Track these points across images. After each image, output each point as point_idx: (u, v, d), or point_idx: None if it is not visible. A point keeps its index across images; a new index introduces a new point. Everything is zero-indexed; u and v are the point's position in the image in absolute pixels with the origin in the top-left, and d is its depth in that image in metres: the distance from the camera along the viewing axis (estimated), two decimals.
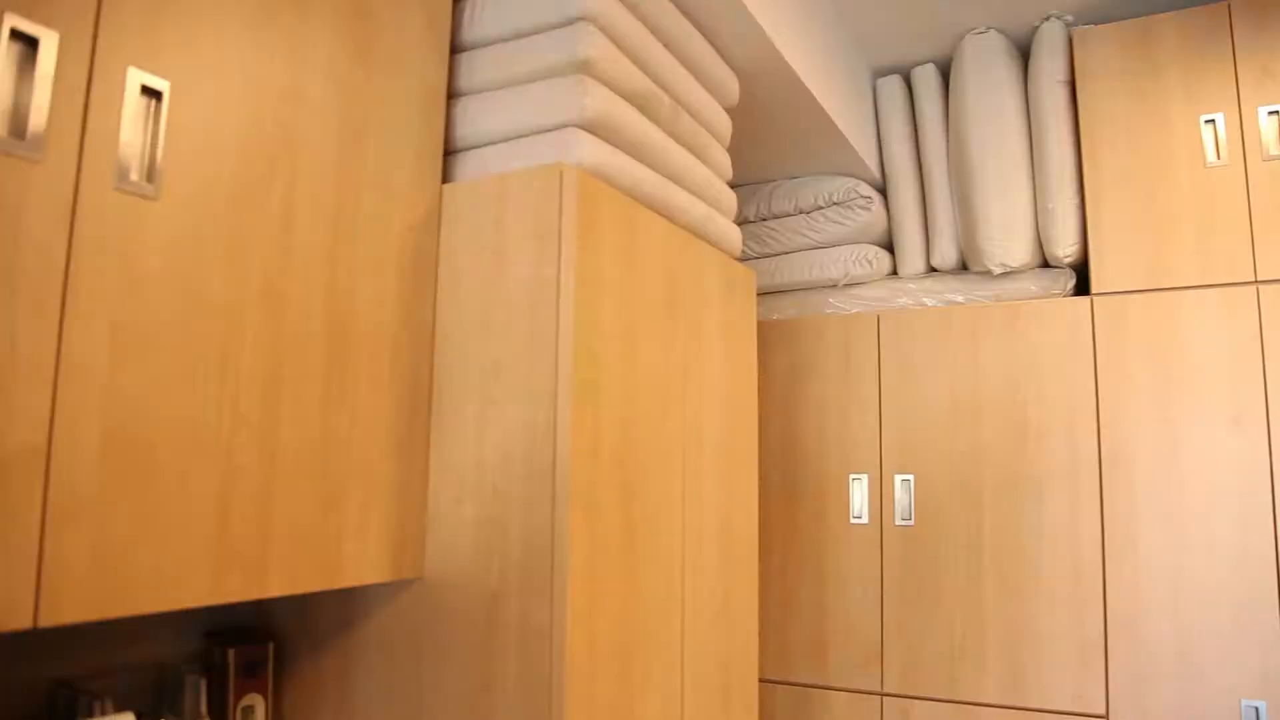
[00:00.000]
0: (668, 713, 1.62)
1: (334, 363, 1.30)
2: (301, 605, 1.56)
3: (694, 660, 1.73)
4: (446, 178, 1.58)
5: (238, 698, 1.47)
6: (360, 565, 1.33)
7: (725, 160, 2.01)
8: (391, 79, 1.44)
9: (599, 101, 1.49)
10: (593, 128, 1.49)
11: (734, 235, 2.01)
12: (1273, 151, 2.22)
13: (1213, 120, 2.29)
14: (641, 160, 1.65)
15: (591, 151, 1.47)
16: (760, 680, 2.53)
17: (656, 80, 1.72)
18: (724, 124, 2.01)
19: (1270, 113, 2.24)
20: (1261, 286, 2.20)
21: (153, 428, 1.05)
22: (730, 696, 1.89)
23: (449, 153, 1.59)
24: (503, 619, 1.36)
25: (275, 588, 1.19)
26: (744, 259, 2.85)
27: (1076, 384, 2.34)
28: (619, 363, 1.50)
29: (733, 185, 2.82)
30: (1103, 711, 2.23)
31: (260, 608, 1.61)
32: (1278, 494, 2.14)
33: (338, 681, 1.50)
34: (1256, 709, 2.09)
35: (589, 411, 1.40)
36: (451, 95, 1.60)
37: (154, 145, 1.07)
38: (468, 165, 1.56)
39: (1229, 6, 2.31)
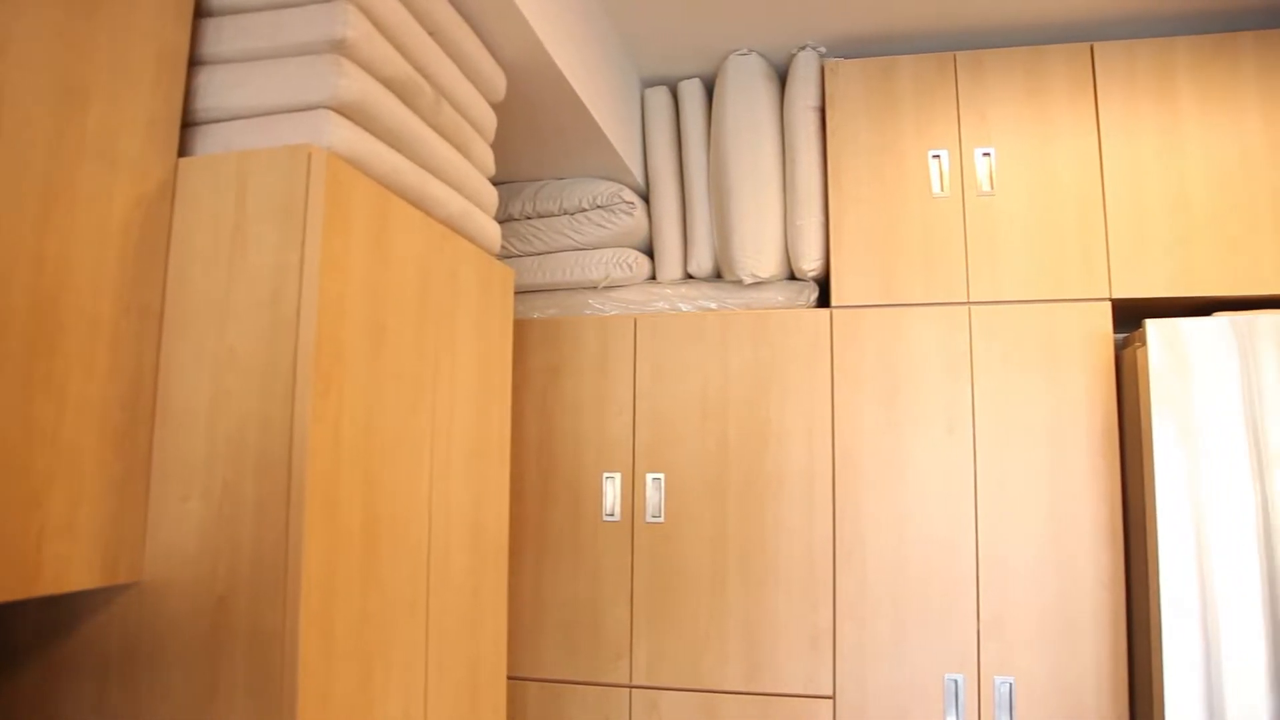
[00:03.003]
0: (410, 713, 1.58)
1: (39, 345, 1.17)
2: None
3: (440, 659, 1.70)
4: (185, 151, 1.46)
5: None
6: (65, 569, 1.21)
7: (488, 155, 2.00)
8: (121, 37, 1.32)
9: (355, 84, 1.44)
10: (347, 111, 1.44)
11: (493, 232, 2.00)
12: (985, 188, 2.48)
13: (938, 156, 2.53)
14: (399, 149, 1.61)
15: (344, 136, 1.42)
16: (510, 678, 2.53)
17: (419, 68, 1.68)
18: (489, 119, 1.99)
19: (984, 154, 2.50)
20: (972, 307, 2.45)
21: None
22: (478, 695, 1.88)
23: (189, 125, 1.47)
24: (231, 623, 1.28)
25: None
26: (506, 256, 2.84)
27: (816, 390, 2.51)
28: (365, 355, 1.46)
29: (496, 182, 2.81)
30: (830, 693, 2.41)
31: None
32: (979, 495, 2.39)
33: (38, 702, 1.36)
34: (956, 681, 2.34)
35: (331, 405, 1.35)
36: (195, 63, 1.48)
37: None
38: (210, 140, 1.46)
39: (955, 57, 2.56)
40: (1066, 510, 2.35)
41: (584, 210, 2.77)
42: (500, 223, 2.79)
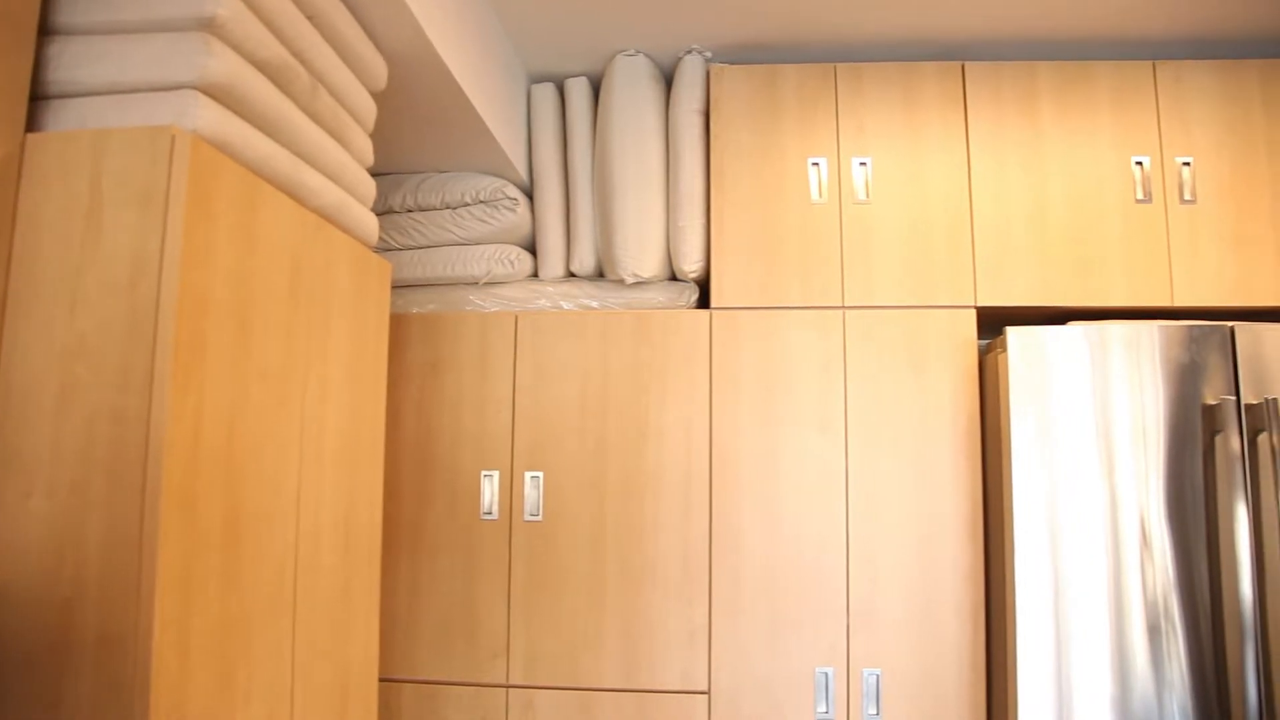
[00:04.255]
0: (275, 719, 1.53)
1: None
2: None
3: (307, 662, 1.65)
4: (34, 127, 1.37)
5: None
6: None
7: (366, 146, 1.95)
8: None
9: (224, 65, 1.38)
10: (214, 93, 1.38)
11: (370, 224, 1.95)
12: (861, 196, 2.56)
13: (818, 163, 2.59)
14: (271, 135, 1.55)
15: (212, 119, 1.36)
16: (383, 679, 2.47)
17: (295, 52, 1.62)
18: (368, 108, 1.94)
19: (860, 163, 2.58)
20: (847, 311, 2.53)
21: None
22: (348, 698, 1.83)
23: (39, 98, 1.38)
24: (77, 628, 1.21)
25: None
26: (385, 250, 2.77)
27: (694, 390, 2.54)
28: (230, 348, 1.40)
29: (376, 173, 2.73)
30: (705, 688, 2.44)
31: None
32: (850, 493, 2.47)
33: None
34: (826, 674, 2.40)
35: (191, 399, 1.29)
36: (47, 32, 1.39)
37: None
38: (63, 115, 1.38)
39: (835, 68, 2.63)
40: (932, 507, 2.45)
41: (466, 205, 2.73)
42: (380, 215, 2.72)
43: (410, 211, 2.77)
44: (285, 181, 1.59)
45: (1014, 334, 2.26)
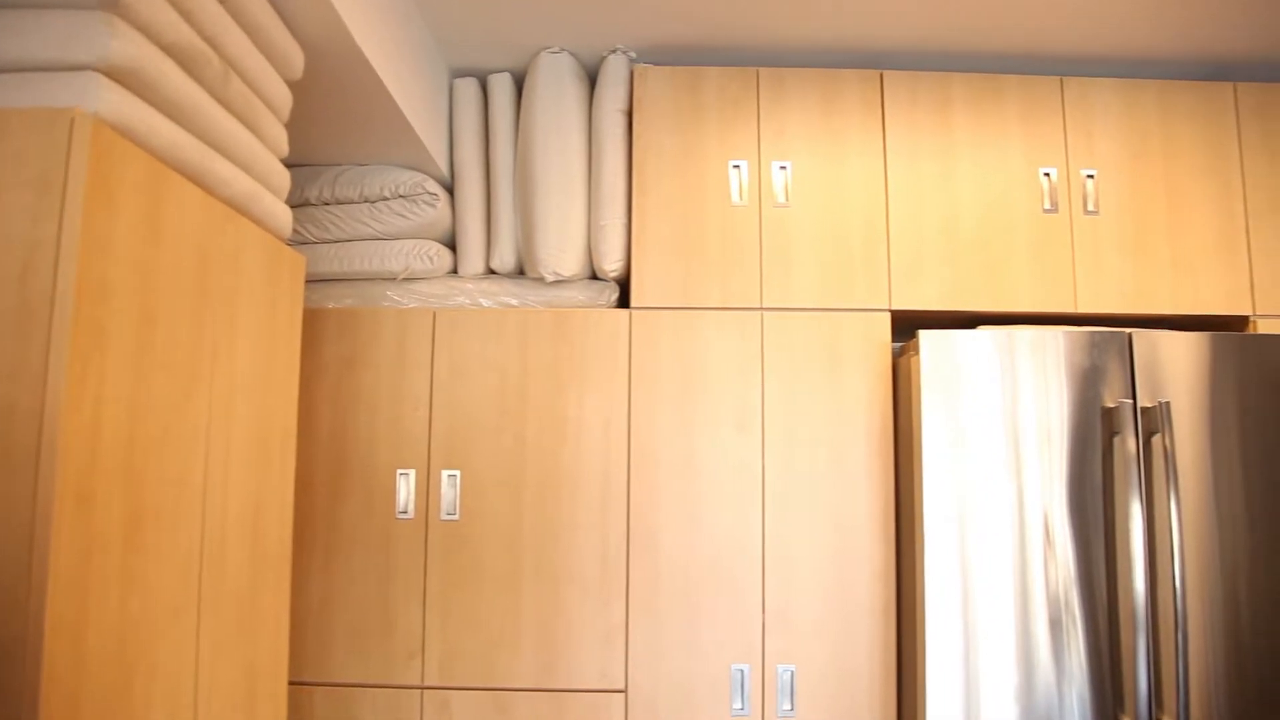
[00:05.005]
0: None
1: None
2: None
3: (212, 666, 1.60)
4: None
5: None
6: None
7: (281, 135, 1.90)
8: None
9: (129, 47, 1.33)
10: (119, 76, 1.33)
11: (284, 215, 1.91)
12: (780, 200, 2.60)
13: (739, 166, 2.62)
14: (179, 122, 1.50)
15: (114, 102, 1.31)
16: (293, 683, 2.41)
17: (206, 37, 1.57)
18: (283, 96, 1.89)
19: (780, 167, 2.62)
20: (765, 313, 2.56)
21: None
22: (255, 703, 1.78)
23: None
24: None
25: None
26: (301, 243, 2.70)
27: (614, 389, 2.55)
28: (132, 340, 1.35)
29: (292, 164, 2.65)
30: (622, 686, 2.44)
31: None
32: (766, 492, 2.50)
33: None
34: (742, 671, 2.43)
35: (89, 391, 1.24)
36: None
37: None
38: None
39: (758, 73, 2.67)
40: (846, 506, 2.49)
41: (385, 199, 2.68)
42: (295, 207, 2.66)
43: (327, 204, 2.71)
44: (193, 169, 1.54)
45: (926, 337, 2.32)
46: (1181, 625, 2.16)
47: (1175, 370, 2.31)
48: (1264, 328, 2.59)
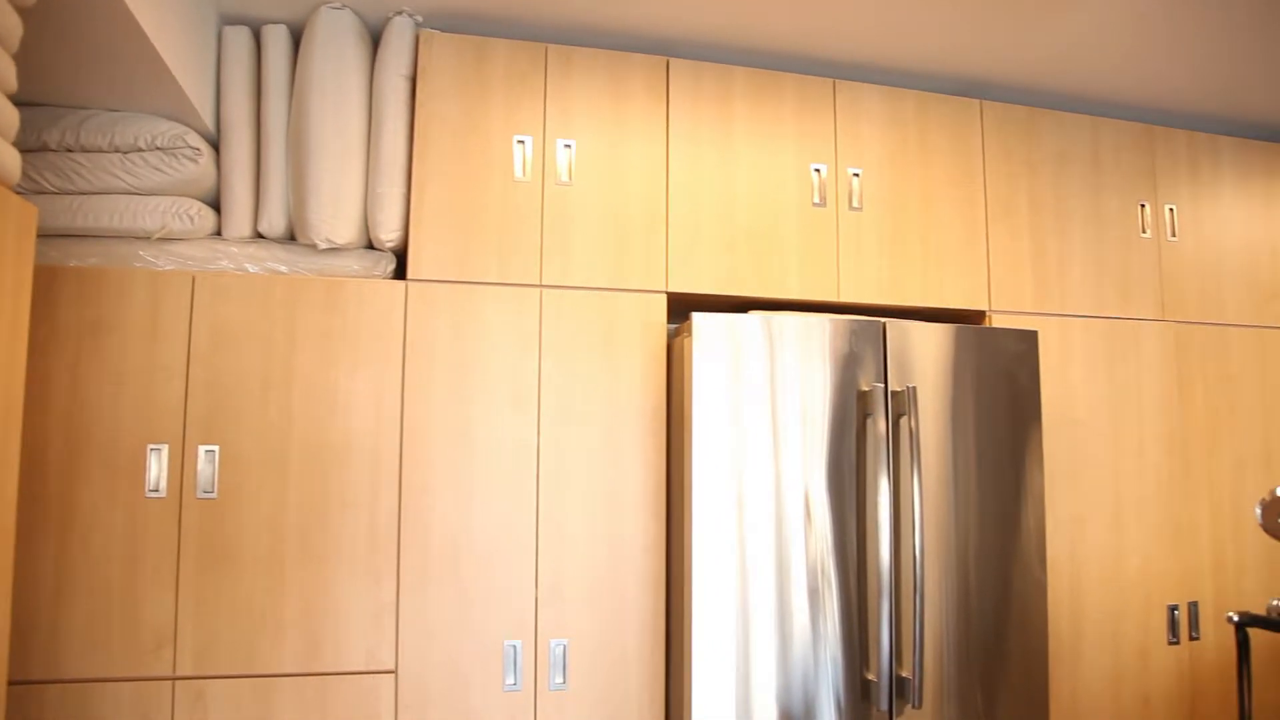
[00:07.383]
0: None
1: None
2: None
3: None
4: None
5: None
6: None
7: (8, 68, 1.70)
8: None
9: None
10: None
11: (10, 160, 1.71)
12: (564, 178, 2.61)
13: (523, 141, 2.60)
14: None
15: None
16: (16, 682, 2.18)
17: None
18: (10, 24, 1.68)
19: (565, 145, 2.62)
20: (544, 290, 2.56)
21: None
22: None
23: None
24: None
25: None
26: (37, 192, 2.43)
27: (387, 363, 2.47)
28: None
29: (23, 103, 2.34)
30: (392, 667, 2.39)
31: None
32: (540, 468, 2.51)
33: None
34: (515, 646, 2.44)
35: None
36: None
37: None
38: None
39: (546, 49, 2.65)
40: (619, 484, 2.55)
41: (140, 150, 2.46)
42: (28, 152, 2.39)
43: (70, 151, 2.46)
44: None
45: (699, 319, 2.40)
46: (920, 589, 2.37)
47: (922, 357, 2.51)
48: (998, 322, 2.87)
